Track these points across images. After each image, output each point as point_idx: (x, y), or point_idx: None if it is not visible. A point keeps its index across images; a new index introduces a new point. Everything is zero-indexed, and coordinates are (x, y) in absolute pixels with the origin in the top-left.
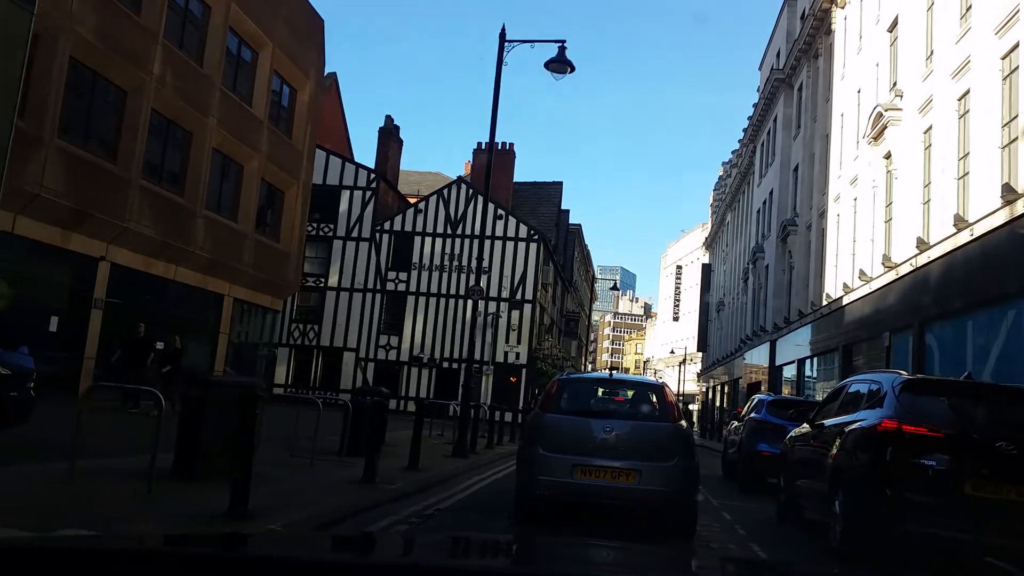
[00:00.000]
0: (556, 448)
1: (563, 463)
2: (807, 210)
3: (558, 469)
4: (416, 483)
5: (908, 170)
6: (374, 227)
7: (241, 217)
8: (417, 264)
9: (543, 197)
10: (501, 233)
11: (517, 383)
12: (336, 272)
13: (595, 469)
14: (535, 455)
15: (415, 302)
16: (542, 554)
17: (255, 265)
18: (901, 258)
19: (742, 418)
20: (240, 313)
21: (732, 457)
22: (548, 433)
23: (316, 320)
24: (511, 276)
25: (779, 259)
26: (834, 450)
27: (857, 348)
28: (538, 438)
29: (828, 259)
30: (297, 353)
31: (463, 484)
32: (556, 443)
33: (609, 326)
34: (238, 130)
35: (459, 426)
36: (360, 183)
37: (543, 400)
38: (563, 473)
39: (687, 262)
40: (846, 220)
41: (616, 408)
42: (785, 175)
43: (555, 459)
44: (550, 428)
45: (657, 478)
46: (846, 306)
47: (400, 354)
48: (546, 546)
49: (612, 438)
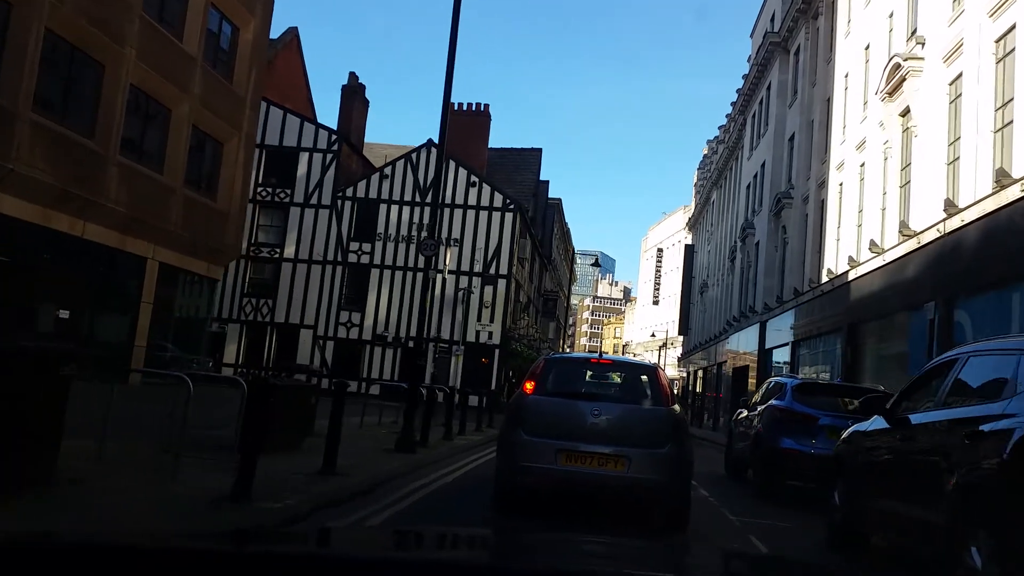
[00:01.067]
0: (539, 432)
1: (547, 448)
2: (804, 181)
3: (541, 455)
4: (319, 498)
5: (930, 126)
6: (335, 193)
7: (168, 169)
8: (382, 234)
9: (520, 165)
10: (474, 202)
11: (489, 365)
12: (293, 242)
13: (581, 455)
14: (516, 439)
15: (379, 276)
16: (528, 548)
17: (186, 225)
18: (922, 224)
19: (752, 405)
20: (168, 280)
21: (741, 452)
22: (531, 416)
23: (270, 294)
24: (484, 248)
25: (771, 235)
26: (960, 460)
27: (865, 327)
28: (520, 421)
29: (828, 232)
30: (249, 330)
31: (395, 494)
32: (540, 427)
33: (588, 310)
34: (164, 67)
35: (404, 413)
36: (320, 145)
37: (527, 381)
38: (547, 459)
39: (668, 245)
40: (851, 188)
41: (605, 391)
42: (779, 145)
43: (538, 444)
44: (533, 410)
45: (648, 465)
46: (852, 282)
47: (362, 332)
48: (531, 541)
49: (600, 422)
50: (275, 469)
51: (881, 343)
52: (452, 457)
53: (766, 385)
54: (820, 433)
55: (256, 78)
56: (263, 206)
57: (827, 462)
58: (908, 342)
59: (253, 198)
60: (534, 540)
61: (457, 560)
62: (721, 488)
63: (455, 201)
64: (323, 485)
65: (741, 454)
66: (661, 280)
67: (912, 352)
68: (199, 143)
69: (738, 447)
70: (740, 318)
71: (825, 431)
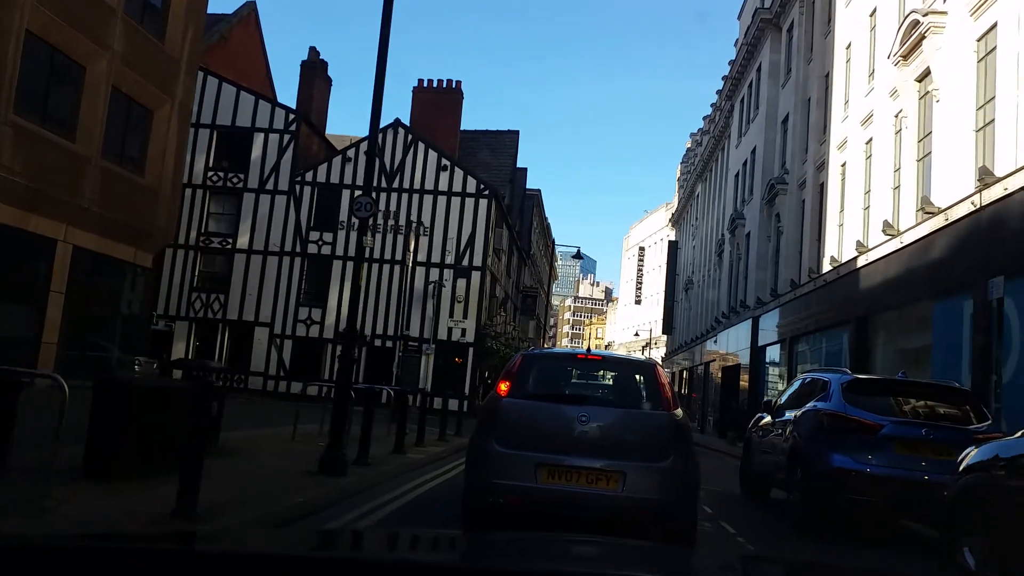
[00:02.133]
0: (516, 443)
1: (524, 462)
2: (799, 165)
3: (518, 470)
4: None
5: (955, 89)
6: (294, 178)
7: (81, 135)
8: (345, 223)
9: (496, 148)
10: (445, 187)
11: (463, 365)
12: (247, 231)
13: (566, 471)
14: (488, 451)
15: (342, 268)
16: (519, 550)
17: (105, 203)
18: (949, 199)
19: (777, 409)
20: (86, 267)
21: (765, 468)
22: (506, 423)
23: (222, 289)
24: (456, 238)
25: (763, 225)
26: None
27: (877, 319)
28: (493, 429)
29: (830, 218)
30: (199, 328)
31: None
32: (516, 436)
33: (569, 310)
34: (74, 16)
35: (332, 424)
36: (277, 125)
37: (501, 380)
38: (524, 475)
39: (650, 243)
40: (855, 168)
41: (594, 392)
42: (771, 129)
43: (514, 457)
44: (509, 416)
45: (647, 483)
46: (861, 269)
47: (323, 330)
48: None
49: (589, 431)
50: (106, 506)
51: (897, 336)
52: (398, 479)
53: (797, 383)
54: (885, 446)
55: (193, 39)
56: (214, 192)
57: (903, 488)
58: (932, 334)
59: (203, 183)
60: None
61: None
62: (740, 513)
63: (424, 186)
64: None
65: (765, 470)
66: (643, 279)
67: (937, 345)
68: (122, 109)
69: (760, 461)
70: (730, 314)
71: (892, 444)
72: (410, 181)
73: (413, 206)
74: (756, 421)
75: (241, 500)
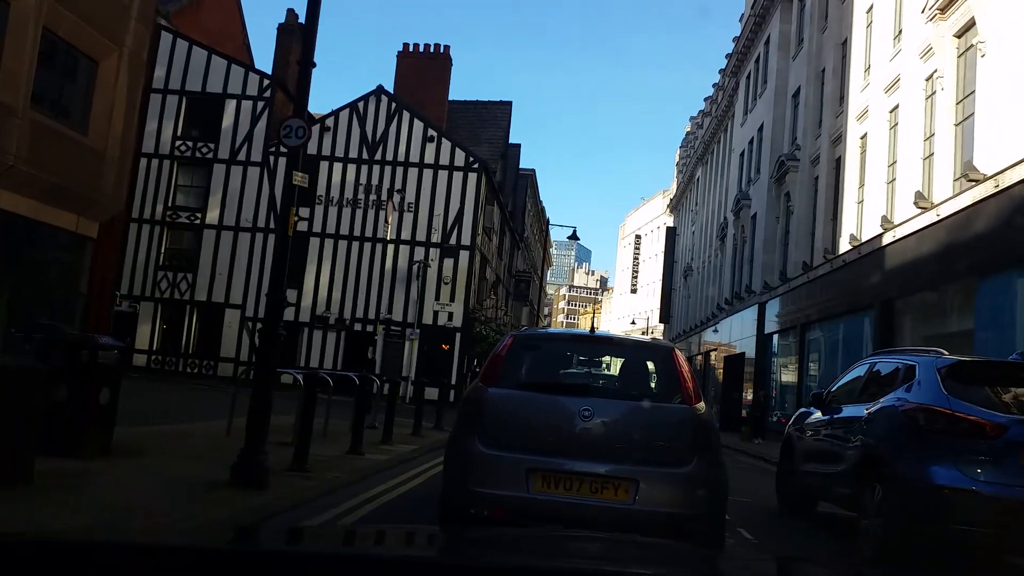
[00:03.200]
0: (504, 443)
1: (513, 467)
2: (812, 141)
3: (506, 476)
4: None
5: (1005, 40)
6: (268, 148)
7: (5, 80)
8: (323, 197)
9: (486, 119)
10: (432, 159)
11: (449, 351)
12: (217, 205)
13: (565, 478)
14: (470, 452)
15: (320, 246)
16: (523, 547)
17: (36, 161)
18: (998, 165)
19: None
20: (18, 234)
21: (815, 480)
22: (492, 418)
23: (190, 268)
24: (444, 214)
25: (771, 205)
26: None
27: (905, 302)
28: (476, 426)
29: (847, 194)
30: (165, 309)
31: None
32: (504, 435)
33: (564, 299)
34: None
35: (248, 418)
36: (251, 91)
37: (487, 367)
38: (513, 483)
39: (647, 231)
40: (878, 139)
41: (600, 382)
42: (781, 104)
43: (500, 460)
44: (496, 410)
45: (664, 493)
46: (888, 247)
47: (300, 313)
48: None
49: (593, 428)
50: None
51: (930, 320)
52: (342, 491)
53: (860, 369)
54: (1009, 457)
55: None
56: (182, 163)
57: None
58: (975, 316)
59: (171, 153)
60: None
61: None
62: (785, 534)
63: (409, 158)
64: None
65: (817, 482)
66: (639, 268)
67: (981, 328)
68: (58, 55)
69: (809, 470)
70: (733, 301)
71: (1019, 453)
72: (393, 152)
73: (397, 179)
74: (799, 419)
75: (86, 530)
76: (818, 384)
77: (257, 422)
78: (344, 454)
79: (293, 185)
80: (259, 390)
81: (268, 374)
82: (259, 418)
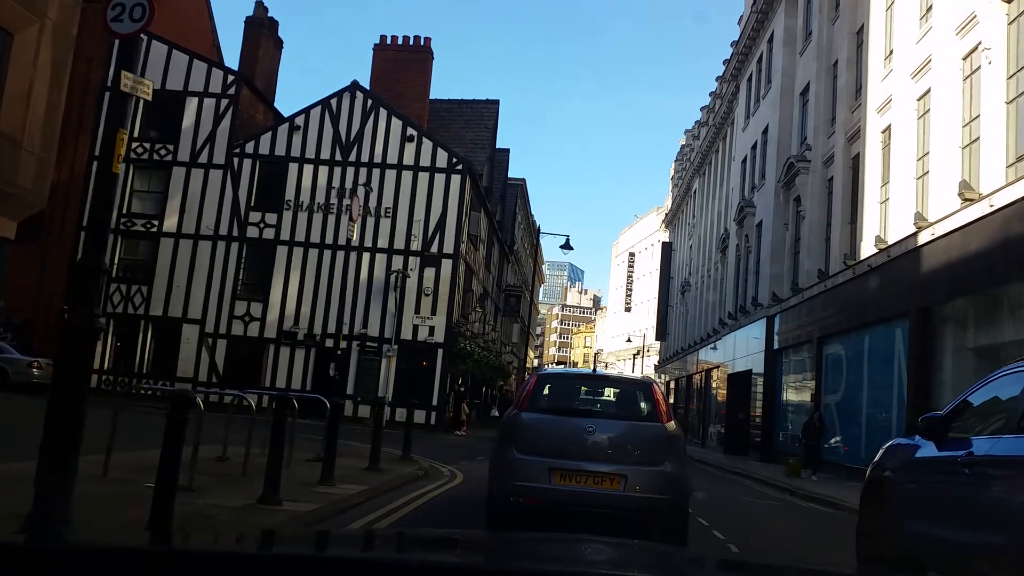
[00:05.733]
0: (533, 450)
1: (540, 467)
2: (824, 139)
3: (534, 473)
4: None
5: None
6: (232, 149)
7: None
8: (292, 202)
9: (472, 119)
10: (411, 160)
11: (430, 369)
12: (175, 212)
13: (576, 474)
14: (509, 458)
15: (288, 255)
16: (527, 551)
17: None
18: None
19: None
20: None
21: (937, 546)
22: (524, 434)
23: (146, 279)
24: (424, 220)
25: (779, 211)
26: None
27: (946, 310)
28: (513, 439)
29: (867, 194)
30: (118, 325)
31: None
32: (533, 445)
33: (557, 318)
34: None
35: (40, 463)
36: (214, 88)
37: (521, 398)
38: (540, 478)
39: (641, 248)
40: (904, 130)
41: (600, 407)
42: (788, 104)
43: (531, 462)
44: (526, 428)
45: (645, 484)
46: (925, 247)
47: (265, 328)
48: (532, 543)
49: (595, 440)
50: None
51: (978, 329)
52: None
53: (1002, 380)
54: None
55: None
56: (139, 166)
57: None
58: None
59: (126, 156)
60: (538, 543)
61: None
62: None
63: (386, 159)
64: None
65: (937, 546)
66: (633, 286)
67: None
68: None
69: (920, 530)
70: (738, 315)
71: None
72: (369, 153)
73: (373, 182)
74: (894, 453)
75: None
76: (841, 403)
77: (56, 460)
78: (253, 504)
79: (123, 94)
80: (60, 411)
81: (78, 385)
82: (58, 454)
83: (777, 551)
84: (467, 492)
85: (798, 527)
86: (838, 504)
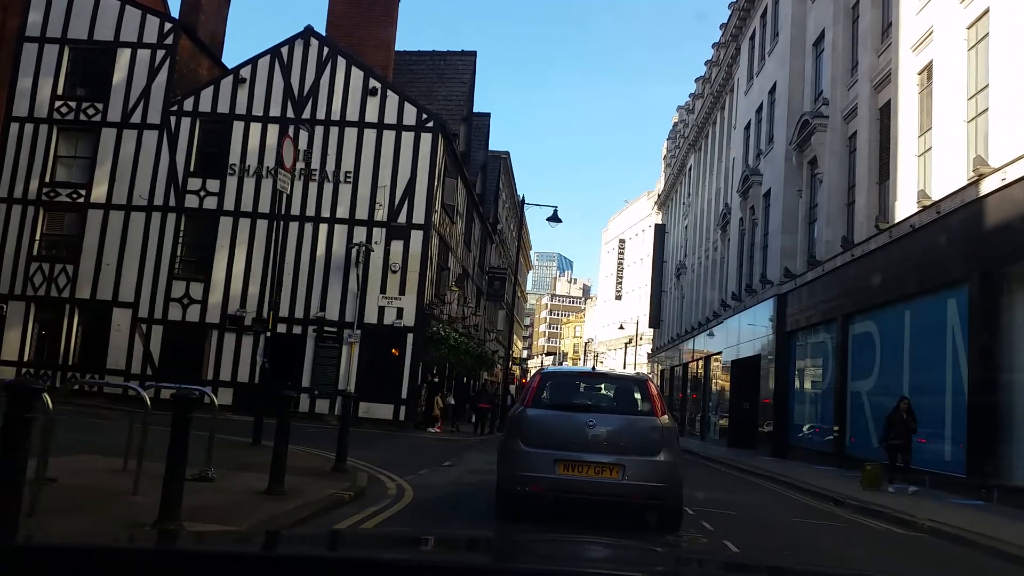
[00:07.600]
0: (538, 443)
1: (545, 458)
2: (844, 91)
3: (540, 464)
4: None
5: None
6: (168, 106)
7: None
8: (237, 166)
9: (446, 72)
10: (374, 117)
11: (399, 357)
12: (105, 179)
13: (578, 464)
14: (516, 450)
15: (232, 227)
16: (528, 550)
17: None
18: None
19: None
20: None
21: None
22: (530, 428)
23: (71, 257)
24: (391, 186)
25: (791, 177)
26: None
27: (1016, 272)
28: (519, 433)
29: (902, 147)
30: (40, 311)
31: None
32: (538, 438)
33: (546, 308)
34: None
35: None
36: (148, 38)
37: (525, 395)
38: (545, 468)
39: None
40: (951, 66)
41: (599, 402)
42: (798, 57)
43: (537, 454)
44: (532, 423)
45: (641, 472)
46: (988, 196)
47: (206, 311)
48: (531, 542)
49: (595, 432)
50: None
51: None
52: None
53: None
54: None
55: None
56: (63, 128)
57: None
58: None
59: (48, 116)
60: (537, 542)
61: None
62: None
63: (345, 116)
64: None
65: None
66: (624, 273)
67: None
68: None
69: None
70: (742, 295)
71: None
72: (326, 109)
73: (331, 142)
74: None
75: None
76: (873, 390)
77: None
78: None
79: None
80: None
81: None
82: None
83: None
84: (409, 520)
85: (741, 492)
86: (963, 537)
